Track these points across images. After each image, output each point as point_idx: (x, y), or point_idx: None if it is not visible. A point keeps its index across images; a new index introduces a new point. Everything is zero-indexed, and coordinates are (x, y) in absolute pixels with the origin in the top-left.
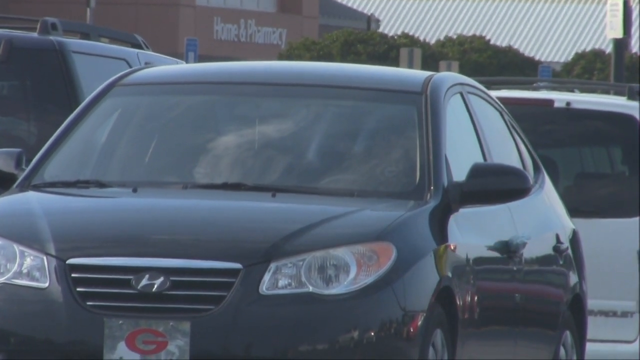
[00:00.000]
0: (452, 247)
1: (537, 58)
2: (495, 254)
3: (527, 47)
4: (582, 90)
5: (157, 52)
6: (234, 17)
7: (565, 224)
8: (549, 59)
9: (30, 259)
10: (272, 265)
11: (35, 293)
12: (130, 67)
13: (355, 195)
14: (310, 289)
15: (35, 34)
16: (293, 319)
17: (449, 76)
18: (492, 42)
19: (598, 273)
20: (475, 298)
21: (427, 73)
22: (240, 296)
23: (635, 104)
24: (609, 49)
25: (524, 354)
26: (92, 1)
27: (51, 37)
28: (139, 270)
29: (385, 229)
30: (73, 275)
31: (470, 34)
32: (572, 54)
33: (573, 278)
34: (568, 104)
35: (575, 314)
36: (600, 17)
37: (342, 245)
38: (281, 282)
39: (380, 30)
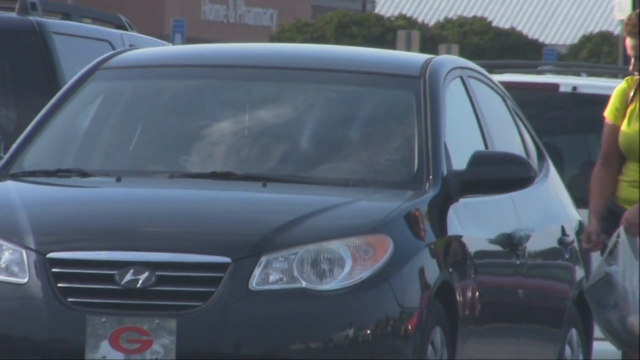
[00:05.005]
0: (452, 240)
1: (541, 40)
2: (498, 247)
3: (531, 29)
4: (589, 74)
5: (142, 33)
6: None
7: (571, 215)
8: (554, 42)
9: (8, 252)
10: (263, 259)
11: (13, 289)
12: (114, 49)
13: (350, 185)
14: (303, 284)
15: (13, 14)
16: (284, 316)
17: (449, 59)
18: (494, 23)
19: None
20: (477, 294)
21: (426, 56)
22: (229, 292)
23: None
24: (617, 30)
25: (527, 353)
26: None
27: (30, 18)
28: (122, 265)
29: (381, 220)
30: (53, 270)
31: (471, 15)
32: (579, 36)
33: (579, 273)
34: (574, 88)
35: (581, 310)
36: None
37: (337, 238)
38: (272, 277)
39: (376, 11)
